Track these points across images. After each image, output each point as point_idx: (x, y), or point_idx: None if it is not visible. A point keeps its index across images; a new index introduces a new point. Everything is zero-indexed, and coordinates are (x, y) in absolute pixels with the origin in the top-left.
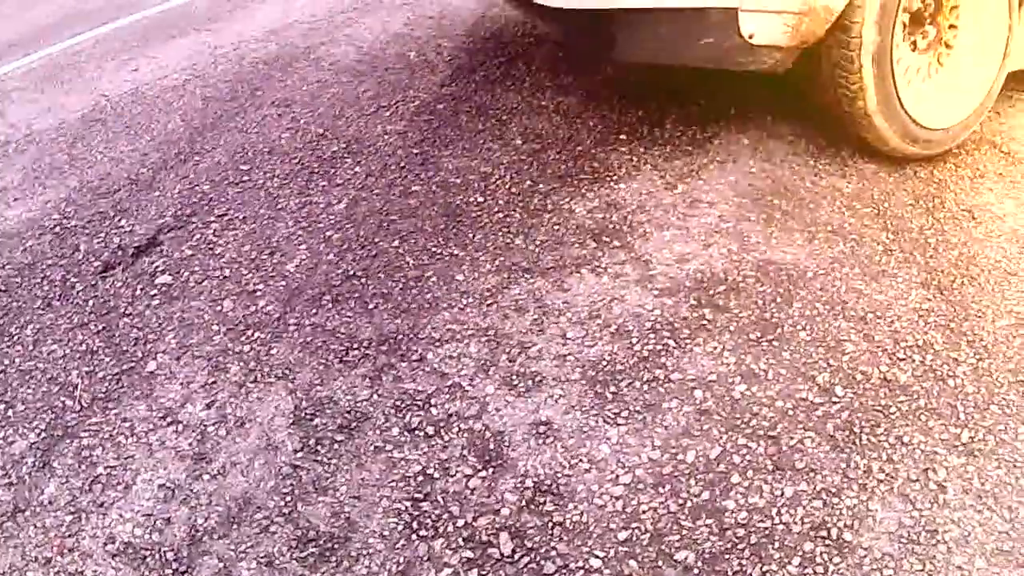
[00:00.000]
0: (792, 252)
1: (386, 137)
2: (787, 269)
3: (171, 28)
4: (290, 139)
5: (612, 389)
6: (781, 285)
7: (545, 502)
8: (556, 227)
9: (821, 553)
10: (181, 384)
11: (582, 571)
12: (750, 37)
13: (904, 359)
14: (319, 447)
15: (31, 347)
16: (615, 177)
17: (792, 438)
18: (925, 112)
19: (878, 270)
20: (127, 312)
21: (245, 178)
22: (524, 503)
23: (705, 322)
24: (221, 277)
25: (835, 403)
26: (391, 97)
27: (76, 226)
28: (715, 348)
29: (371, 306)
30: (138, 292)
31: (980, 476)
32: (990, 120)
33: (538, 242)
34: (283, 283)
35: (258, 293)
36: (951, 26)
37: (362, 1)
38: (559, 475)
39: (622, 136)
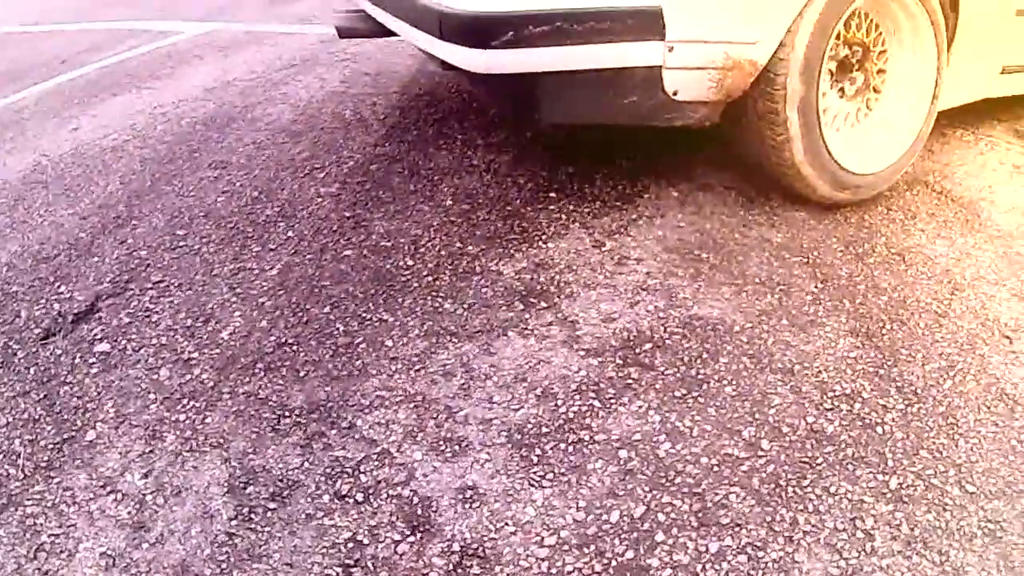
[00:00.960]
0: (719, 306)
1: (319, 200)
2: (713, 324)
3: (113, 85)
4: (226, 203)
5: (537, 452)
6: (707, 341)
7: (472, 566)
8: (484, 289)
9: None
10: (120, 453)
11: None
12: (674, 94)
13: (831, 409)
14: (253, 515)
15: None
16: (544, 236)
17: (717, 494)
18: (854, 158)
19: (806, 320)
20: (67, 380)
21: (181, 243)
22: (451, 567)
23: (630, 381)
24: (157, 345)
25: (761, 457)
26: (325, 158)
27: (17, 292)
28: (640, 407)
29: (302, 374)
30: (78, 360)
31: (909, 522)
32: (923, 159)
33: (466, 305)
34: (217, 351)
35: (193, 361)
36: (879, 71)
37: (300, 58)
38: (485, 539)
39: (552, 194)
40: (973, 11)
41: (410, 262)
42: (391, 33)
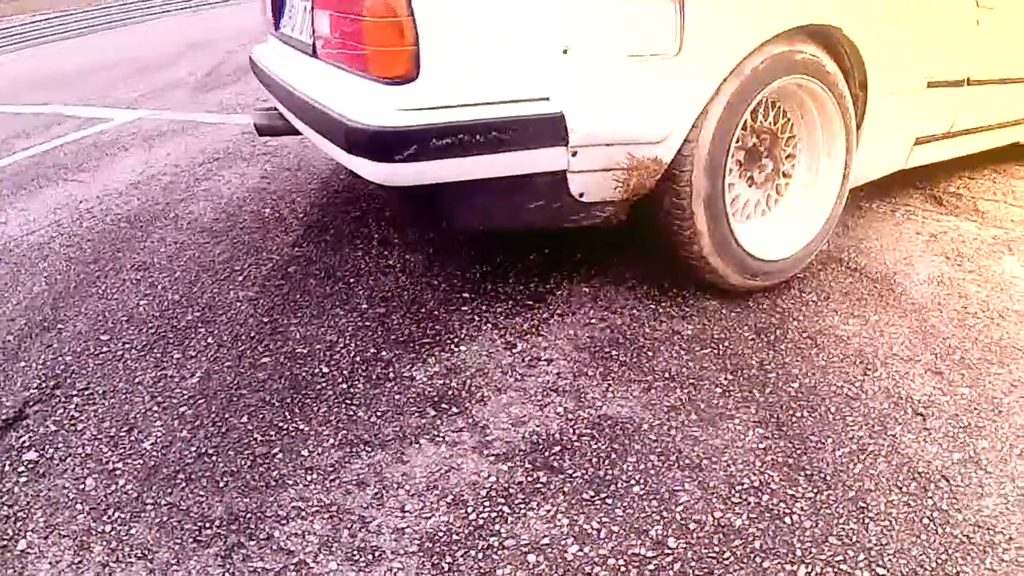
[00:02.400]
0: (628, 404)
1: (238, 304)
2: (622, 423)
3: (40, 176)
4: (148, 306)
5: (448, 560)
6: (616, 440)
7: None
8: (397, 396)
9: None
10: (50, 563)
11: None
12: (580, 196)
13: (739, 502)
14: None
15: None
16: (456, 339)
17: None
18: (765, 245)
19: (715, 413)
20: None
21: (105, 349)
22: None
23: (540, 485)
24: (83, 455)
25: (667, 555)
26: (245, 260)
27: None
28: (549, 511)
29: (222, 484)
30: (7, 469)
31: None
32: (838, 235)
33: (380, 413)
34: (140, 461)
35: (118, 472)
36: (789, 156)
37: (223, 150)
38: None
39: (465, 294)
40: (883, 88)
41: (325, 369)
42: None
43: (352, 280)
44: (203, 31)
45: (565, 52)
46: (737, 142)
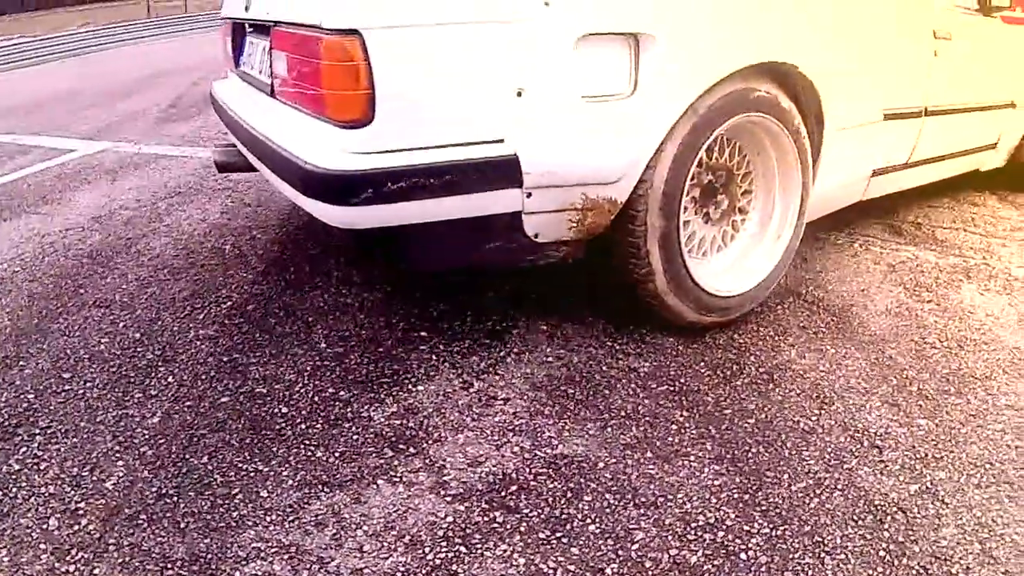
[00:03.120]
0: (584, 443)
1: (198, 343)
2: (578, 462)
3: (4, 209)
4: (109, 344)
5: None
6: (572, 479)
7: None
8: (355, 436)
9: None
10: None
11: None
12: (535, 236)
13: (695, 539)
14: None
15: None
16: (414, 379)
17: None
18: (721, 282)
19: (671, 451)
20: None
21: (67, 387)
22: None
23: (496, 525)
24: (46, 494)
25: None
26: (205, 298)
27: None
28: (505, 551)
29: (183, 525)
30: None
31: None
32: (796, 268)
33: (338, 453)
34: (103, 501)
35: (80, 511)
36: (745, 192)
37: (184, 185)
38: None
39: (423, 332)
40: (839, 122)
41: (284, 409)
42: None
43: (311, 319)
44: (167, 59)
45: (519, 95)
46: (692, 180)
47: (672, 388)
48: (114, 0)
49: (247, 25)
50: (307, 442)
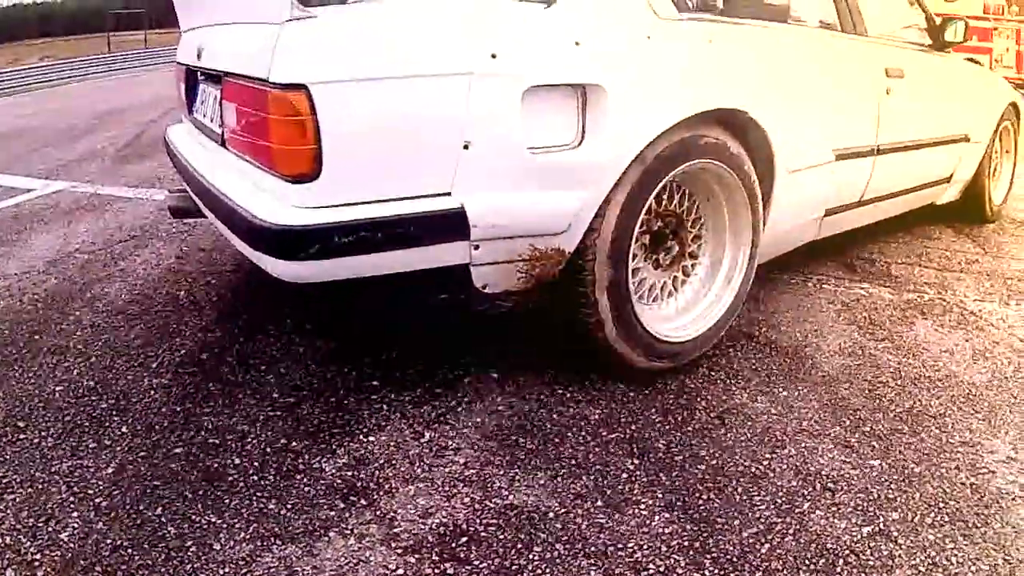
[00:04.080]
0: (534, 493)
1: (152, 392)
2: (529, 512)
3: None
4: (64, 392)
5: None
6: (522, 530)
7: None
8: (307, 488)
9: None
10: None
11: None
12: (484, 287)
13: None
14: None
15: None
16: (365, 429)
17: None
18: (672, 328)
19: (621, 499)
20: None
21: (22, 436)
22: None
23: None
24: (2, 545)
25: None
26: (159, 345)
27: None
28: None
29: None
30: None
31: None
32: (750, 309)
33: (290, 506)
34: (59, 553)
35: (36, 563)
36: (695, 238)
37: (139, 227)
38: None
39: (375, 382)
40: (790, 165)
41: (237, 460)
42: None
43: (264, 367)
44: (126, 95)
45: (466, 147)
46: (642, 227)
47: (623, 435)
48: (74, 34)
49: (200, 72)
50: (259, 494)
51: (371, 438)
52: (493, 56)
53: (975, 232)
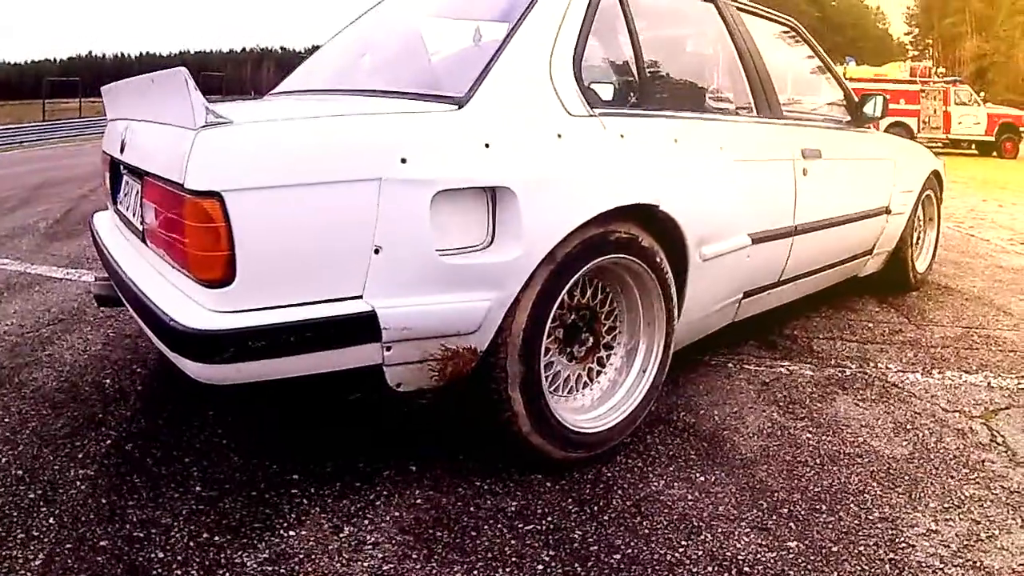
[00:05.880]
0: None
1: (79, 484)
2: None
3: None
4: None
5: None
6: None
7: None
8: None
9: None
10: None
11: None
12: (397, 386)
13: None
14: None
15: None
16: (286, 523)
17: None
18: (587, 419)
19: None
20: None
21: None
22: None
23: None
24: None
25: None
26: (85, 435)
27: None
28: None
29: None
30: None
31: None
32: (669, 393)
33: None
34: None
35: None
36: (610, 329)
37: (68, 310)
38: None
39: (296, 475)
40: (704, 253)
41: (161, 554)
42: None
43: (188, 460)
44: (59, 167)
45: (377, 251)
46: (554, 322)
47: (539, 527)
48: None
49: (123, 165)
50: None
51: (292, 532)
52: (403, 161)
53: (899, 300)
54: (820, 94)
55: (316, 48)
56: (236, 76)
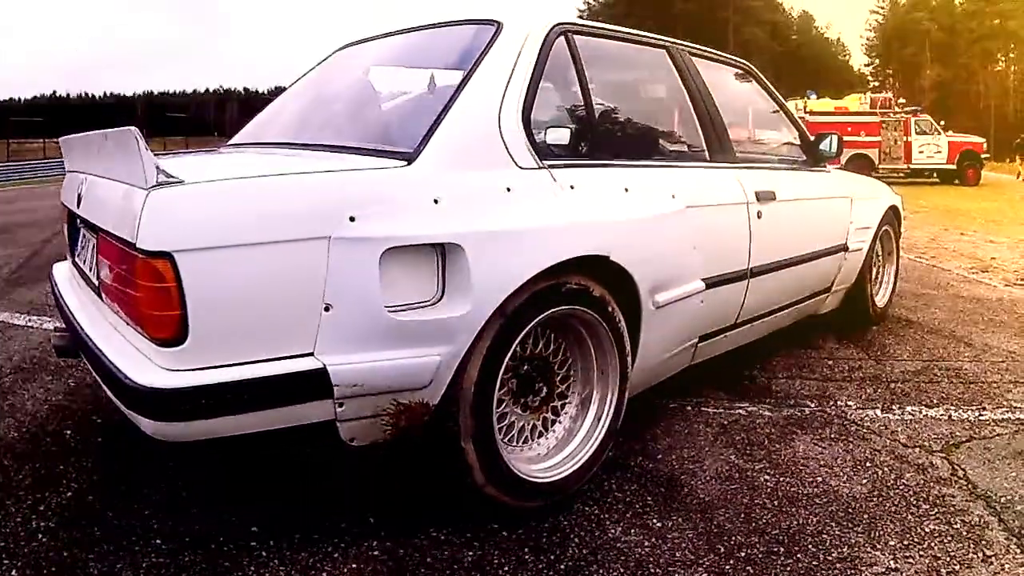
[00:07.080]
0: None
1: (40, 536)
2: None
3: None
4: None
5: None
6: None
7: None
8: None
9: None
10: None
11: None
12: (351, 441)
13: None
14: None
15: None
16: None
17: None
18: (543, 468)
19: None
20: None
21: None
22: None
23: None
24: None
25: None
26: (46, 487)
27: None
28: None
29: None
30: None
31: None
32: (626, 439)
33: None
34: None
35: None
36: (564, 379)
37: (30, 359)
38: None
39: (255, 528)
40: (657, 300)
41: None
42: None
43: (148, 513)
44: (22, 209)
45: (327, 309)
46: (507, 373)
47: None
48: None
49: (79, 218)
50: None
51: None
52: (352, 219)
53: (859, 336)
54: (775, 135)
55: (280, 90)
56: (200, 117)
